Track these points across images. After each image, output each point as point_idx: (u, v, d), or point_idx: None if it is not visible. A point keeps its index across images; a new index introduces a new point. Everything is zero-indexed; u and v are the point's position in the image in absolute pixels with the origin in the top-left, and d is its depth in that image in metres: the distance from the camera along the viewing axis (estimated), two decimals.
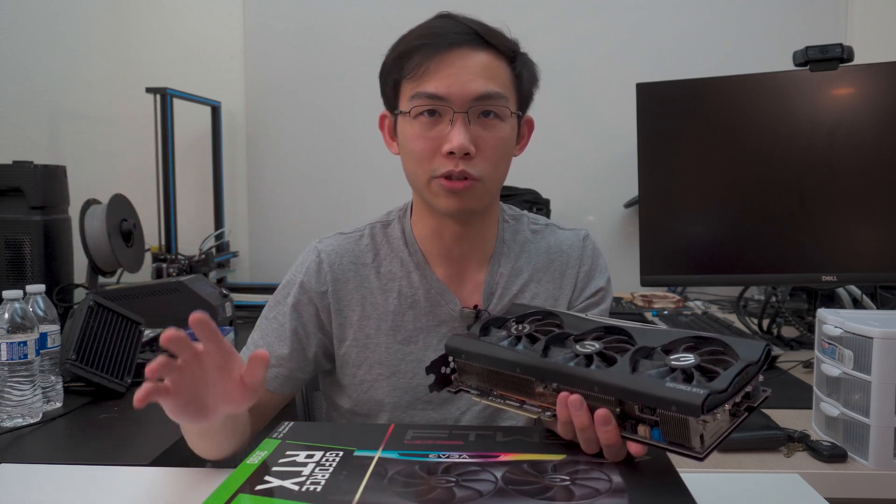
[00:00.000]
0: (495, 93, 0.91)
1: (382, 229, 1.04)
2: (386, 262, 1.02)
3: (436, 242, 1.01)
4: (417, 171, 0.94)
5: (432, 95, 0.90)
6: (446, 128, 0.90)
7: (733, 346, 0.65)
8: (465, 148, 0.89)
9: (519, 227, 1.07)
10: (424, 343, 1.00)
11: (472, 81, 0.90)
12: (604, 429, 0.64)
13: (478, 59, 0.91)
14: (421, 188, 0.95)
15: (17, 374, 1.16)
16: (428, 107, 0.90)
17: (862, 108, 1.49)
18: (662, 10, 2.52)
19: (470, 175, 0.90)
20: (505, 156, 0.95)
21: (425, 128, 0.91)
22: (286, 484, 0.62)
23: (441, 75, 0.90)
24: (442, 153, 0.90)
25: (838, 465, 1.01)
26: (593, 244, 1.08)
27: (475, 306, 1.00)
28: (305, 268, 1.01)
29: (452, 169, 0.90)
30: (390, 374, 0.99)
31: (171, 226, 2.28)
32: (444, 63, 0.90)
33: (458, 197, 0.92)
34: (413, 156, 0.93)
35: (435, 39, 0.91)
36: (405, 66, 0.92)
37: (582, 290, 1.05)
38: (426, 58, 0.90)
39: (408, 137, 0.93)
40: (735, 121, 1.54)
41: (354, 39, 2.52)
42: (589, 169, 2.56)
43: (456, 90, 0.89)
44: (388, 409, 1.00)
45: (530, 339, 0.75)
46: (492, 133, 0.92)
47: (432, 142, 0.91)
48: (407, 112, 0.92)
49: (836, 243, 1.50)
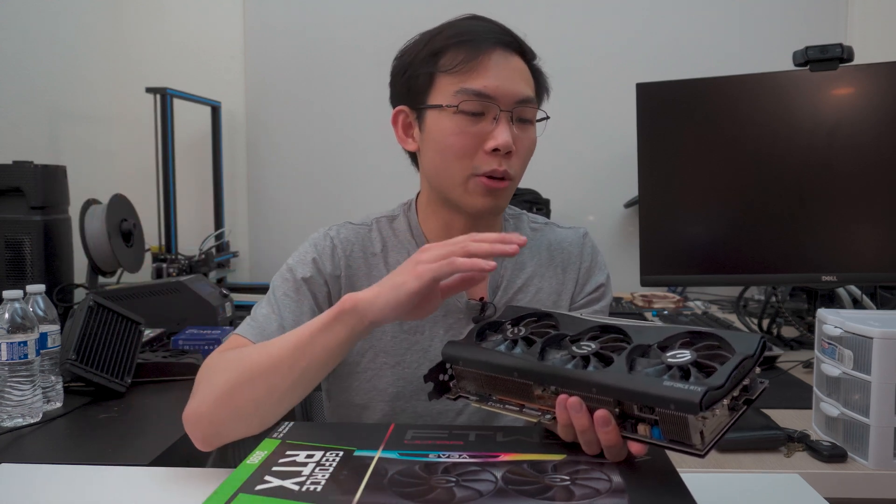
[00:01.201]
0: (532, 97, 0.94)
1: (388, 223, 1.05)
2: (394, 252, 1.02)
3: (444, 236, 1.00)
4: (453, 168, 0.93)
5: (480, 93, 0.91)
6: (489, 125, 0.91)
7: (729, 341, 0.65)
8: (509, 146, 0.90)
9: (519, 224, 1.08)
10: (430, 333, 1.00)
11: (516, 83, 0.92)
12: (604, 430, 0.64)
13: (515, 62, 0.94)
14: (453, 185, 0.94)
15: (17, 374, 1.16)
16: (475, 103, 0.91)
17: (862, 108, 1.49)
18: (662, 10, 2.52)
19: (509, 174, 0.92)
20: (530, 158, 0.98)
21: (468, 123, 0.91)
22: (286, 484, 0.62)
23: (489, 74, 0.91)
24: (485, 150, 0.91)
25: (838, 465, 1.01)
26: (592, 242, 1.09)
27: (481, 299, 1.01)
28: (319, 250, 1.00)
29: (497, 167, 0.91)
30: (395, 363, 0.99)
31: (171, 226, 2.28)
32: (489, 61, 0.91)
33: (494, 196, 0.93)
34: (451, 151, 0.93)
35: (477, 37, 0.92)
36: (443, 61, 0.93)
37: (584, 286, 1.06)
38: (471, 55, 0.91)
39: (445, 132, 0.93)
40: (735, 121, 1.54)
41: (354, 39, 2.52)
42: (589, 169, 2.56)
43: (503, 90, 0.91)
44: (390, 398, 0.99)
45: (527, 341, 0.75)
46: (526, 135, 0.95)
47: (474, 138, 0.91)
48: (451, 106, 0.92)
49: (836, 243, 1.50)
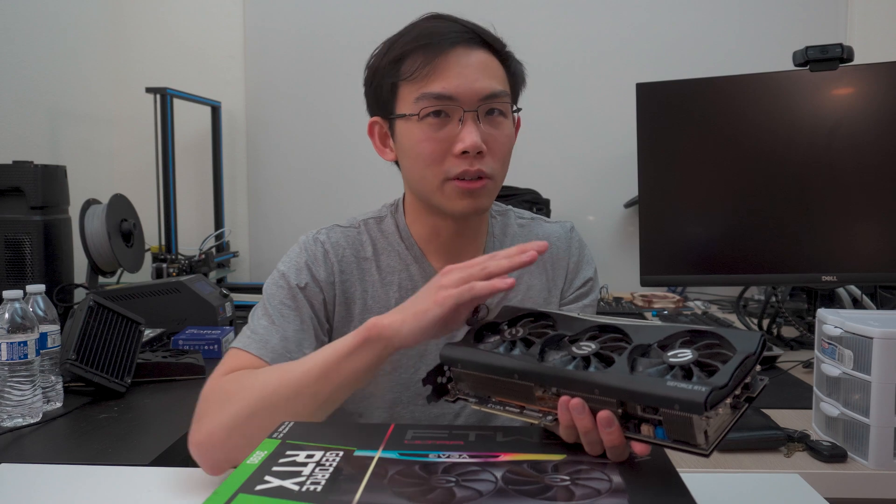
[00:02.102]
0: (500, 91, 0.91)
1: (376, 224, 1.03)
2: (384, 255, 1.01)
3: (432, 238, 1.00)
4: (426, 175, 0.92)
5: (440, 95, 0.89)
6: (455, 128, 0.89)
7: (729, 339, 0.65)
8: (478, 146, 0.88)
9: (507, 221, 1.07)
10: None
11: (477, 80, 0.90)
12: (607, 430, 0.64)
13: (478, 57, 0.91)
14: (430, 192, 0.93)
15: (17, 374, 1.16)
16: (437, 107, 0.89)
17: (862, 108, 1.49)
18: (662, 10, 2.52)
19: (484, 174, 0.90)
20: (509, 153, 0.95)
21: (433, 129, 0.90)
22: (286, 484, 0.62)
23: (447, 75, 0.89)
24: (454, 153, 0.89)
25: (838, 465, 1.01)
26: (579, 236, 1.09)
27: None
28: (311, 255, 0.98)
29: (468, 168, 0.89)
30: (391, 369, 0.99)
31: (171, 226, 2.28)
32: (447, 62, 0.89)
33: (473, 197, 0.91)
34: (421, 159, 0.91)
35: (434, 39, 0.90)
36: (403, 68, 0.91)
37: (572, 281, 1.05)
38: (428, 58, 0.89)
39: (414, 140, 0.91)
40: (735, 121, 1.54)
41: (354, 40, 2.52)
42: (589, 169, 2.56)
43: (464, 89, 0.89)
44: (388, 405, 0.99)
45: (525, 342, 0.74)
46: (500, 131, 0.92)
47: (442, 143, 0.90)
48: (413, 114, 0.90)
49: (836, 243, 1.50)
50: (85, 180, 2.15)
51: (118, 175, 2.57)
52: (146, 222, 2.13)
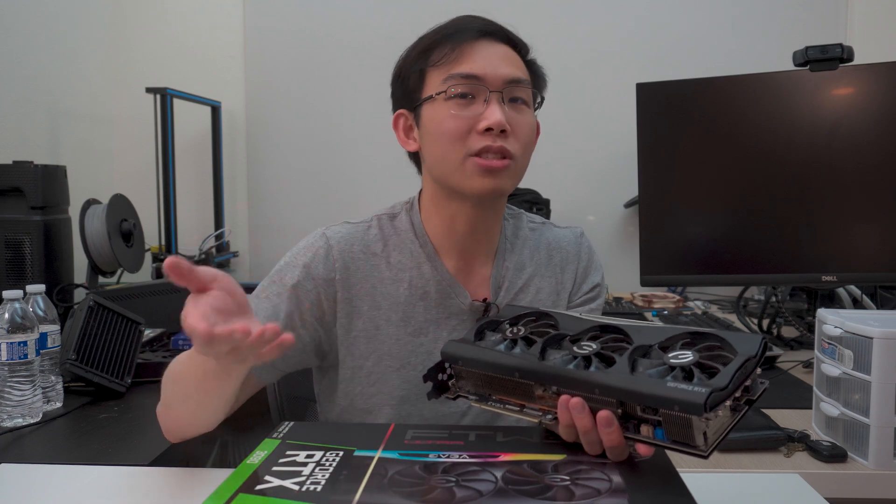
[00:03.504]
0: (524, 79, 0.95)
1: (389, 221, 1.03)
2: (395, 252, 1.00)
3: (447, 234, 1.00)
4: (449, 152, 0.93)
5: (468, 75, 0.92)
6: (480, 107, 0.92)
7: (730, 341, 0.65)
8: (502, 124, 0.90)
9: (519, 223, 1.08)
10: (434, 335, 0.99)
11: (503, 66, 0.93)
12: (607, 430, 0.64)
13: (502, 49, 0.95)
14: (452, 170, 0.94)
15: (17, 374, 1.16)
16: (464, 85, 0.92)
17: (862, 108, 1.49)
18: (662, 10, 2.52)
19: (507, 152, 0.91)
20: (531, 143, 0.97)
21: (460, 107, 0.92)
22: (286, 484, 0.62)
23: (474, 58, 0.93)
24: (478, 130, 0.91)
25: (838, 465, 1.01)
26: (588, 241, 1.10)
27: (484, 299, 1.00)
28: (313, 252, 0.98)
29: (490, 144, 0.90)
30: (400, 366, 0.98)
31: (171, 226, 2.28)
32: (473, 48, 0.93)
33: (494, 176, 0.92)
34: (446, 136, 0.92)
35: (462, 29, 0.94)
36: (432, 56, 0.94)
37: (580, 286, 1.07)
38: (456, 45, 0.93)
39: (439, 119, 0.93)
40: (735, 121, 1.54)
41: (354, 40, 2.52)
42: (589, 169, 2.56)
43: (490, 71, 0.92)
44: (396, 402, 0.98)
45: (526, 341, 0.74)
46: (523, 116, 0.94)
47: (467, 121, 0.91)
48: (441, 93, 0.93)
49: (836, 243, 1.50)
50: (85, 180, 2.15)
51: (118, 175, 2.57)
52: (146, 222, 2.13)
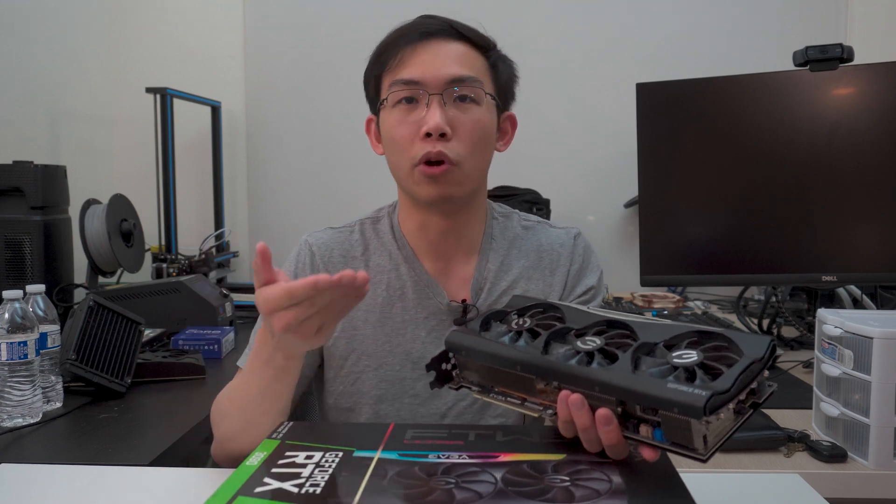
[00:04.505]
0: (469, 76, 0.93)
1: (372, 225, 1.05)
2: (375, 255, 1.02)
3: (422, 236, 1.01)
4: (400, 161, 0.94)
5: (407, 81, 0.92)
6: (423, 111, 0.92)
7: (737, 342, 0.64)
8: (440, 128, 0.89)
9: (508, 223, 1.07)
10: (412, 335, 1.00)
11: (445, 66, 0.92)
12: (605, 429, 0.64)
13: (451, 47, 0.94)
14: (404, 178, 0.95)
15: (17, 374, 1.16)
16: (404, 92, 0.92)
17: (862, 108, 1.49)
18: (662, 10, 2.52)
19: (447, 157, 0.90)
20: (482, 140, 0.95)
21: (403, 114, 0.93)
22: (286, 486, 0.62)
23: (415, 62, 0.92)
24: (420, 136, 0.91)
25: (838, 465, 1.01)
26: (585, 242, 1.07)
27: (463, 301, 1.00)
28: (300, 262, 1.02)
29: (430, 150, 0.90)
30: (377, 365, 1.00)
31: (171, 226, 2.28)
32: (418, 51, 0.93)
33: (437, 183, 0.92)
34: (395, 144, 0.94)
35: (409, 31, 0.94)
36: (383, 61, 0.95)
37: (573, 289, 1.05)
38: (401, 48, 0.93)
39: (388, 127, 0.95)
40: (735, 121, 1.54)
41: (354, 39, 2.50)
42: (589, 169, 2.56)
43: (429, 74, 0.92)
44: (374, 401, 1.00)
45: (531, 333, 0.73)
46: (468, 115, 0.93)
47: (411, 126, 0.92)
48: (385, 100, 0.94)
49: (836, 243, 1.50)
50: (85, 180, 2.15)
51: (118, 175, 2.57)
52: (146, 222, 2.13)
